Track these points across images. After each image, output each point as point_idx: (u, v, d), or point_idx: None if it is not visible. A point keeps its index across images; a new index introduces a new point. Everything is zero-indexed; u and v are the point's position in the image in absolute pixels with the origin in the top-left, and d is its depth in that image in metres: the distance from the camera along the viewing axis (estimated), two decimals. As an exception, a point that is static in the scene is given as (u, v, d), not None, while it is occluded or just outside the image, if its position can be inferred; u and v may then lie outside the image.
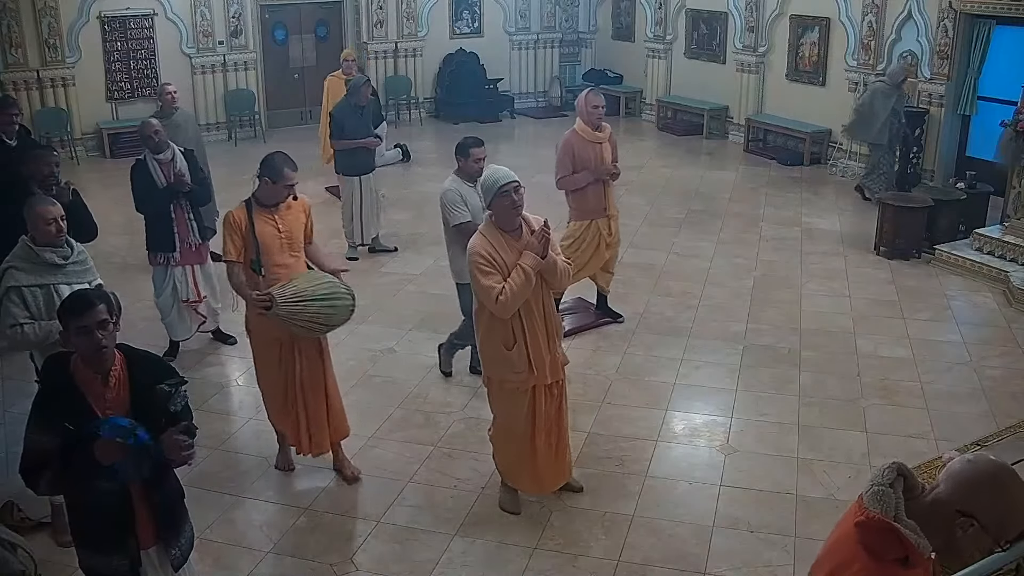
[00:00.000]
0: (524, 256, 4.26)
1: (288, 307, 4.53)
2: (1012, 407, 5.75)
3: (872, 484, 2.10)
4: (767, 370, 6.32)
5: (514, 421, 4.53)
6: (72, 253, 4.33)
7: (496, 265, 4.24)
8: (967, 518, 2.01)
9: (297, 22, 14.23)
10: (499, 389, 4.53)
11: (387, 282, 8.06)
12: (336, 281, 4.81)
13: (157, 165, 6.19)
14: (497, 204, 4.32)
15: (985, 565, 3.25)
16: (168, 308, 6.48)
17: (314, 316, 4.60)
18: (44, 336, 4.14)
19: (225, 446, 5.44)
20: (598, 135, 6.60)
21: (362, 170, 8.48)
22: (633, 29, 15.37)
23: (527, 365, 4.37)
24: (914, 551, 2.02)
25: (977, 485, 2.04)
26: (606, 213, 6.74)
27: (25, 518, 4.52)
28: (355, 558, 4.43)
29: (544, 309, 4.43)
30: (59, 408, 3.02)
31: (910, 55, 10.67)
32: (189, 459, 3.08)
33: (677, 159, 12.57)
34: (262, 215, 4.74)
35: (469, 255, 4.30)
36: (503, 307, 4.21)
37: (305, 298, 4.58)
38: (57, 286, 4.22)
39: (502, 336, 4.35)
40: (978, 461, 2.07)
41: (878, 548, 2.04)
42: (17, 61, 11.93)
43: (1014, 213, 8.05)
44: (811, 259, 8.54)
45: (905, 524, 2.03)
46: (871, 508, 2.07)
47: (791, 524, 4.65)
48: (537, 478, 4.69)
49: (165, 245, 6.30)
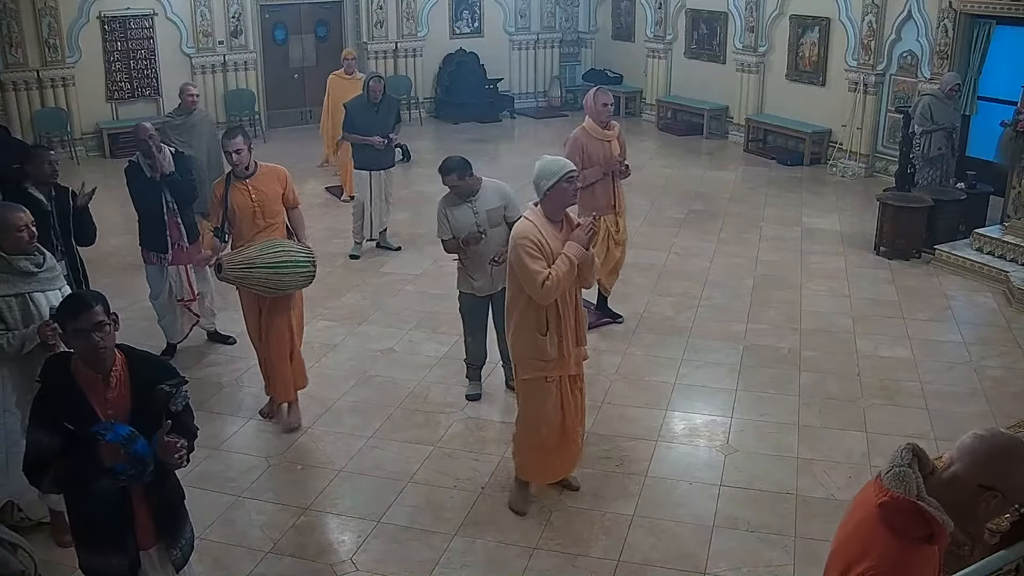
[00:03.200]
0: (569, 245, 4.37)
1: (235, 271, 5.20)
2: (1012, 407, 5.75)
3: (892, 466, 2.16)
4: (767, 370, 6.32)
5: (546, 412, 4.61)
6: (44, 260, 4.23)
7: (543, 252, 4.34)
8: (990, 491, 2.08)
9: (297, 22, 14.23)
10: (529, 384, 4.62)
11: (387, 282, 8.06)
12: (295, 249, 5.35)
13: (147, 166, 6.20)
14: (558, 189, 4.39)
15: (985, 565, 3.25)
16: (164, 310, 6.50)
17: (262, 281, 5.22)
18: (19, 346, 4.07)
19: (225, 446, 5.44)
20: (606, 133, 6.61)
21: (373, 165, 8.51)
22: (633, 29, 15.38)
23: (557, 352, 4.48)
24: (939, 527, 2.07)
25: (995, 458, 2.10)
26: (615, 210, 6.74)
27: (25, 518, 4.51)
28: (355, 558, 4.43)
29: (576, 302, 4.57)
30: (60, 408, 3.01)
31: (909, 55, 10.69)
32: (182, 461, 3.07)
33: (677, 159, 12.57)
34: (236, 185, 5.44)
35: (517, 239, 4.37)
36: (547, 292, 4.31)
37: (255, 265, 5.18)
38: (32, 295, 4.12)
39: (536, 323, 4.46)
40: (991, 435, 2.14)
41: (903, 527, 2.09)
42: (17, 61, 11.93)
43: (1014, 213, 8.05)
44: (811, 259, 8.54)
45: (927, 502, 2.09)
46: (893, 489, 2.12)
47: (791, 524, 4.65)
48: (556, 467, 4.83)
49: (157, 245, 6.35)
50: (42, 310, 4.11)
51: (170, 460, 3.03)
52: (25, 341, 4.07)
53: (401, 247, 8.82)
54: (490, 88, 15.21)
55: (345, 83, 10.39)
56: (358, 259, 8.53)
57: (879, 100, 11.23)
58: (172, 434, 3.03)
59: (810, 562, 4.26)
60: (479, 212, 5.58)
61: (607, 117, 6.60)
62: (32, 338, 4.05)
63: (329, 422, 5.65)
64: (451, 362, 6.45)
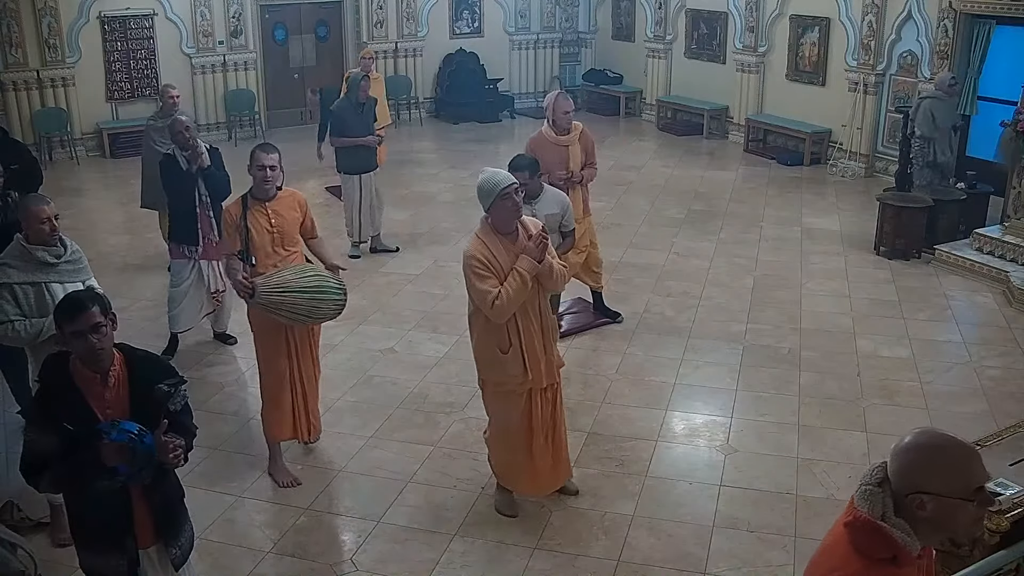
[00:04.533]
0: (521, 260, 4.24)
1: (269, 296, 4.66)
2: (1012, 407, 5.75)
3: (860, 484, 2.13)
4: (767, 370, 6.32)
5: (510, 423, 4.51)
6: (65, 252, 4.34)
7: (492, 269, 4.22)
8: (915, 495, 2.03)
9: (297, 22, 14.23)
10: (494, 391, 4.51)
11: (387, 282, 8.06)
12: (327, 276, 4.94)
13: (184, 159, 6.29)
14: (498, 207, 4.26)
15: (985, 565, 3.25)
16: (179, 298, 6.51)
17: (295, 307, 4.71)
18: (35, 334, 4.18)
19: (225, 446, 5.43)
20: (563, 138, 6.52)
21: (362, 168, 8.47)
22: (633, 29, 15.37)
23: (522, 369, 4.35)
24: (900, 550, 2.03)
25: (905, 462, 2.07)
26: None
27: (25, 518, 4.51)
28: (355, 558, 4.43)
29: (540, 311, 4.41)
30: (58, 408, 3.01)
31: (909, 55, 10.69)
32: (179, 461, 3.06)
33: (677, 159, 12.57)
34: (255, 208, 4.93)
35: (465, 258, 4.27)
36: (499, 311, 4.19)
37: (289, 289, 4.69)
38: (49, 285, 4.24)
39: (497, 340, 4.33)
40: (901, 443, 2.11)
41: (866, 548, 2.05)
42: (17, 61, 11.93)
43: (1014, 213, 8.05)
44: (811, 259, 8.53)
45: (893, 523, 2.04)
46: (860, 508, 2.08)
47: (791, 524, 4.65)
48: (534, 480, 4.67)
49: (189, 238, 6.40)
50: (58, 300, 4.12)
51: (167, 460, 3.03)
52: (43, 330, 4.14)
53: (399, 248, 8.82)
54: (490, 88, 15.21)
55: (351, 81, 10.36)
56: (359, 259, 8.53)
57: (879, 100, 11.22)
58: (169, 433, 3.03)
59: (810, 562, 4.26)
60: (539, 215, 5.32)
61: (566, 123, 6.50)
62: (50, 329, 4.06)
63: (329, 422, 5.64)
64: (451, 362, 6.45)
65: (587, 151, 6.67)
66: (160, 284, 7.53)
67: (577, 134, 6.59)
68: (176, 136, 6.29)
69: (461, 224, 9.22)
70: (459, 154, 12.90)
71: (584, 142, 6.64)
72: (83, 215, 10.07)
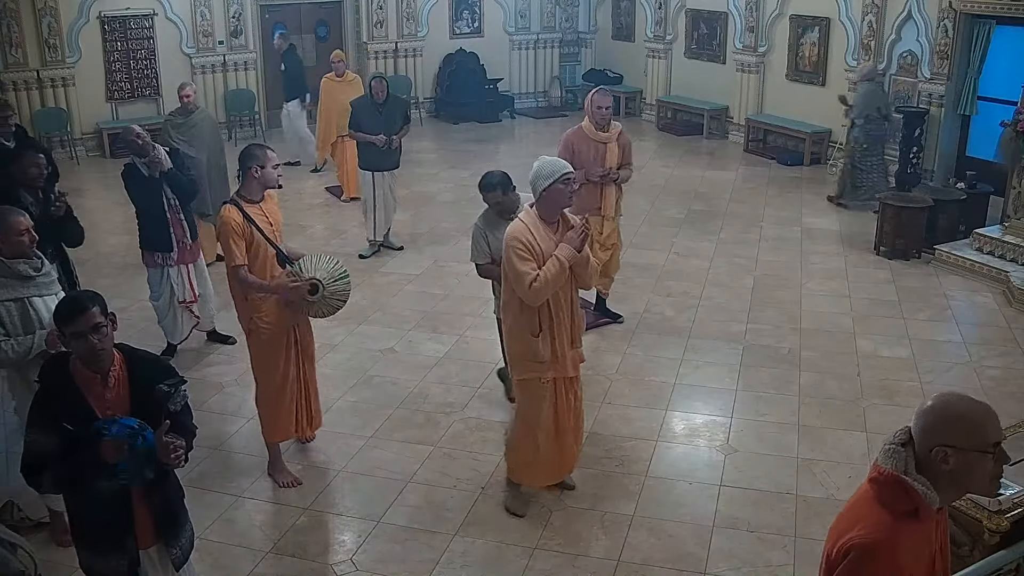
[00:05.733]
0: (561, 247, 4.34)
1: (332, 286, 4.72)
2: (1012, 407, 5.74)
3: (884, 444, 2.30)
4: (767, 370, 6.32)
5: (540, 415, 4.58)
6: (42, 265, 4.20)
7: (533, 253, 4.31)
8: (939, 448, 2.20)
9: (297, 22, 14.23)
10: (525, 386, 4.60)
11: (387, 282, 8.06)
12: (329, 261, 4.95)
13: (143, 165, 6.18)
14: (554, 190, 4.34)
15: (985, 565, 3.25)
16: (165, 310, 6.50)
17: (344, 291, 4.81)
18: (24, 352, 4.03)
19: (225, 446, 5.43)
20: (602, 135, 6.57)
21: (374, 166, 8.49)
22: (633, 29, 15.37)
23: (551, 353, 4.45)
24: (922, 503, 2.20)
25: (931, 419, 2.24)
26: (600, 212, 6.66)
27: (25, 518, 4.51)
28: (355, 558, 4.43)
29: (572, 304, 4.52)
30: (58, 408, 3.01)
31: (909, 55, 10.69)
32: (179, 461, 3.06)
33: (677, 159, 12.57)
34: (253, 211, 4.80)
35: (507, 240, 4.35)
36: (535, 293, 4.29)
37: (338, 276, 4.76)
38: (31, 299, 4.09)
39: (529, 324, 4.43)
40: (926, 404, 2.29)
41: (890, 501, 2.22)
42: (17, 61, 11.93)
43: (1014, 213, 8.05)
44: (811, 259, 8.54)
45: (914, 478, 2.21)
46: (884, 465, 2.26)
47: (791, 524, 4.65)
48: (553, 471, 4.79)
49: (162, 245, 6.31)
50: (41, 315, 4.07)
51: (167, 460, 3.03)
52: (31, 348, 4.04)
53: (403, 247, 8.83)
54: (490, 88, 15.21)
55: (335, 85, 10.47)
56: (365, 259, 8.53)
57: (879, 100, 11.22)
58: (170, 434, 3.03)
59: (810, 562, 4.25)
60: None
61: (602, 120, 6.54)
62: (40, 345, 4.03)
63: (329, 422, 5.64)
64: (451, 362, 6.45)
65: (624, 151, 6.71)
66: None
67: (616, 133, 6.63)
68: (129, 145, 6.16)
69: (461, 224, 9.22)
70: (459, 154, 12.91)
71: (622, 142, 6.68)
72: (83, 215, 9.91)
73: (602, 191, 6.64)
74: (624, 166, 6.72)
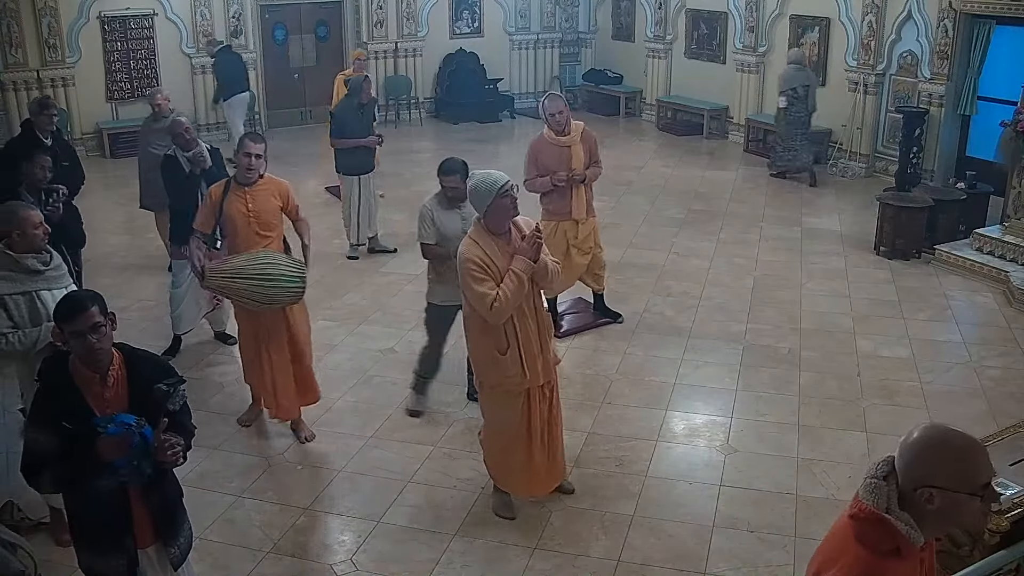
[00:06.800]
0: (516, 260, 4.22)
1: (219, 280, 5.05)
2: (1012, 407, 5.75)
3: (866, 478, 2.15)
4: (767, 370, 6.32)
5: (508, 424, 4.50)
6: (51, 259, 4.25)
7: (489, 271, 4.20)
8: (924, 488, 2.05)
9: (297, 22, 14.23)
10: (491, 393, 4.49)
11: (387, 282, 8.06)
12: (285, 263, 5.13)
13: (186, 160, 6.27)
14: (496, 206, 4.23)
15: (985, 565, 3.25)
16: (180, 299, 6.50)
17: (245, 292, 5.02)
18: (31, 344, 4.08)
19: (225, 446, 5.43)
20: (563, 139, 6.46)
21: (362, 170, 8.48)
22: (633, 29, 15.37)
23: (520, 368, 4.33)
24: (904, 542, 2.05)
25: (916, 457, 2.09)
26: (571, 216, 6.56)
27: (25, 518, 4.51)
28: (355, 558, 4.43)
29: (536, 310, 4.40)
30: (58, 407, 3.01)
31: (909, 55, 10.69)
32: (177, 459, 3.06)
33: (677, 159, 12.57)
34: (236, 193, 5.24)
35: (461, 262, 4.24)
36: (498, 313, 4.18)
37: (241, 275, 4.99)
38: (39, 292, 4.14)
39: (495, 341, 4.32)
40: (911, 438, 2.13)
41: (870, 540, 2.08)
42: (17, 61, 11.92)
43: (1014, 213, 8.05)
44: (811, 259, 8.53)
45: (897, 516, 2.07)
46: (865, 500, 2.11)
47: (791, 524, 4.65)
48: (531, 481, 4.66)
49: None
50: (49, 309, 4.08)
51: (165, 459, 3.03)
52: (38, 340, 4.08)
53: (396, 249, 8.81)
54: (490, 88, 15.22)
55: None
56: (357, 259, 8.52)
57: (879, 100, 11.22)
58: (168, 433, 3.03)
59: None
60: (467, 219, 5.17)
61: (557, 125, 6.43)
62: (47, 337, 4.04)
63: (329, 422, 5.65)
64: (450, 362, 6.43)
65: (591, 150, 6.61)
66: (160, 284, 7.54)
67: (578, 134, 6.52)
68: (177, 138, 6.26)
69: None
70: (459, 154, 12.62)
71: (586, 141, 6.58)
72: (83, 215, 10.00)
73: (571, 194, 6.52)
74: (592, 165, 6.62)
